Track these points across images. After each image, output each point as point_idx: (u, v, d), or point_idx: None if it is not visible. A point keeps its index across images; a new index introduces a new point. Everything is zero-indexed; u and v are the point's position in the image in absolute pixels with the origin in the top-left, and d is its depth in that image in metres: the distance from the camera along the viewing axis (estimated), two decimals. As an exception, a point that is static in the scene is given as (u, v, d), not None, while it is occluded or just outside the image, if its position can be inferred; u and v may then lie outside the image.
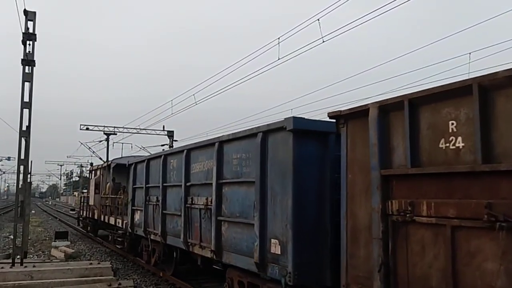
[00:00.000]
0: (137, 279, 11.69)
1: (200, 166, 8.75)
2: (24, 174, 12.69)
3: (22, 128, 12.38)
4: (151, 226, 11.28)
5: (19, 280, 9.77)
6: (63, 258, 14.42)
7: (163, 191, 10.47)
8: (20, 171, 12.69)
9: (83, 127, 37.16)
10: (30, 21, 12.52)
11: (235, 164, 7.46)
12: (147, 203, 11.54)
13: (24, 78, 12.50)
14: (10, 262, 11.78)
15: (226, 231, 7.62)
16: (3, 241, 19.70)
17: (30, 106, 12.47)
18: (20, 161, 12.57)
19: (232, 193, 7.50)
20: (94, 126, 38.40)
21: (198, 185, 8.78)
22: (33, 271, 10.19)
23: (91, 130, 38.38)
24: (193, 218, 8.87)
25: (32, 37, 12.50)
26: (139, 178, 12.59)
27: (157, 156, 11.26)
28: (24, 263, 11.67)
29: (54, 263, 12.25)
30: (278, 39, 14.27)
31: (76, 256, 14.99)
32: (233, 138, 7.56)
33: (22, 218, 12.20)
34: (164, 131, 37.85)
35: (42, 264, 11.71)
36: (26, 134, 12.41)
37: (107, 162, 18.29)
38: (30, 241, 17.86)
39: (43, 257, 15.29)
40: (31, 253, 15.54)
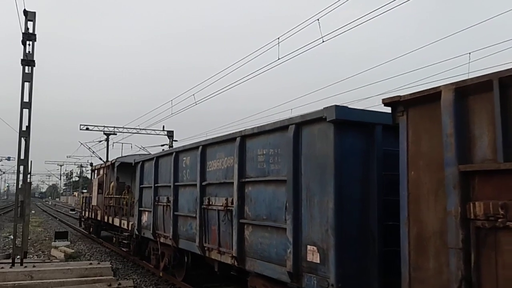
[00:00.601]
0: (137, 279, 11.52)
1: (218, 163, 7.91)
2: (24, 174, 12.54)
3: (22, 128, 12.24)
4: (161, 228, 10.43)
5: (19, 280, 9.66)
6: (63, 258, 14.30)
7: (175, 191, 9.63)
8: (20, 171, 12.52)
9: (83, 127, 36.99)
10: (30, 21, 12.39)
11: (260, 161, 6.62)
12: (157, 203, 10.69)
13: (24, 78, 12.36)
14: (10, 262, 11.65)
15: (250, 235, 6.78)
16: (3, 241, 19.53)
17: (30, 106, 12.33)
18: (20, 161, 12.40)
19: (257, 193, 6.67)
20: (94, 126, 38.13)
21: (215, 185, 7.95)
22: (33, 271, 10.08)
23: (91, 130, 38.18)
24: (210, 221, 8.03)
25: (32, 37, 12.39)
26: (147, 177, 11.75)
27: (167, 153, 10.41)
28: (24, 263, 11.54)
29: (54, 263, 12.13)
30: (277, 39, 14.19)
31: (76, 256, 14.87)
32: (258, 132, 6.72)
33: (22, 218, 12.03)
34: (164, 131, 37.49)
35: (42, 264, 11.57)
36: (26, 134, 12.24)
37: (111, 160, 17.43)
38: (30, 241, 17.70)
39: (43, 257, 15.13)
40: (31, 253, 15.42)
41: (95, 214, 19.02)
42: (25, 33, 12.37)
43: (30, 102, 12.39)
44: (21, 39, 12.39)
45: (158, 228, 10.67)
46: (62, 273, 10.25)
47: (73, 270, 10.49)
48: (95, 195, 18.07)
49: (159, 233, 10.59)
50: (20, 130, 12.27)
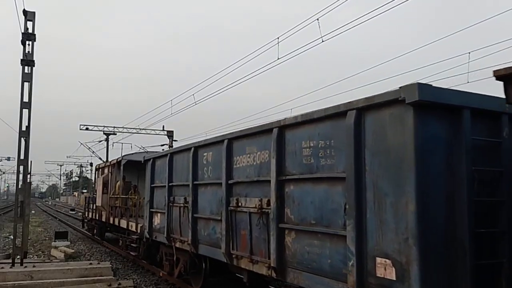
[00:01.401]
0: (136, 279, 11.32)
1: (248, 159, 6.81)
2: (24, 174, 12.36)
3: (21, 128, 12.04)
4: (177, 232, 9.31)
5: (19, 280, 9.54)
6: (63, 258, 14.13)
7: (194, 190, 8.52)
8: (20, 171, 12.32)
9: (82, 127, 36.56)
10: (30, 21, 12.21)
11: (306, 155, 5.52)
12: (171, 204, 9.58)
13: (23, 78, 12.18)
14: (10, 262, 11.52)
15: (293, 242, 5.68)
16: (3, 241, 19.25)
17: (29, 106, 12.14)
18: (20, 161, 12.19)
19: (302, 193, 5.57)
20: (94, 126, 37.69)
21: (245, 183, 6.85)
22: (33, 271, 9.96)
23: (91, 130, 37.77)
24: (239, 224, 6.93)
25: (32, 37, 12.21)
26: (159, 175, 10.63)
27: (184, 149, 9.29)
28: (24, 263, 11.41)
29: (54, 263, 11.99)
30: (277, 39, 13.90)
31: (76, 256, 14.71)
32: (302, 122, 5.61)
33: (22, 218, 11.87)
34: (163, 131, 36.95)
35: (42, 264, 11.43)
36: (26, 134, 12.02)
37: (117, 158, 16.30)
38: (30, 241, 17.52)
39: (43, 257, 14.95)
40: (31, 253, 15.26)
41: (99, 215, 17.88)
42: (25, 33, 12.13)
43: (29, 102, 12.14)
44: (20, 39, 12.18)
45: (173, 232, 9.55)
46: (62, 273, 10.07)
47: (73, 270, 10.30)
48: (100, 195, 16.92)
49: (174, 237, 9.48)
50: (20, 130, 12.01)
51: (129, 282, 10.45)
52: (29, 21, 12.27)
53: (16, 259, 11.59)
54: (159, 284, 10.81)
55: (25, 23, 12.28)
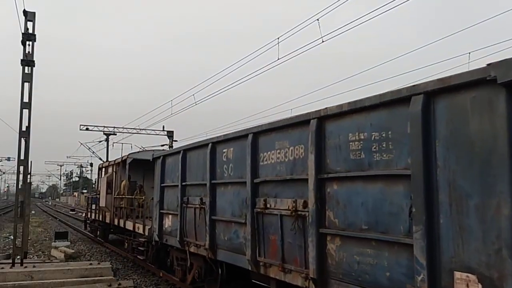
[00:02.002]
0: (137, 279, 11.20)
1: (278, 155, 5.99)
2: (24, 175, 12.21)
3: (21, 129, 11.92)
4: (191, 235, 8.49)
5: (19, 280, 9.45)
6: (63, 259, 13.97)
7: (212, 190, 7.70)
8: (20, 171, 12.19)
9: (83, 127, 36.24)
10: (30, 21, 12.09)
11: (354, 149, 4.71)
12: (185, 205, 8.76)
13: (23, 79, 12.06)
14: (10, 263, 11.40)
15: (337, 250, 4.87)
16: (3, 242, 19.00)
17: (29, 107, 12.02)
18: (20, 162, 12.07)
19: (350, 194, 4.75)
20: (94, 127, 37.37)
21: (275, 182, 6.03)
22: (33, 272, 9.86)
23: (91, 131, 37.43)
24: (268, 228, 6.11)
25: (32, 38, 12.09)
26: (171, 174, 9.81)
27: (200, 145, 8.46)
28: (24, 263, 11.29)
29: (54, 264, 11.85)
30: (277, 39, 13.75)
31: (76, 257, 14.55)
32: (349, 111, 4.80)
33: (22, 218, 11.77)
34: (164, 131, 36.66)
35: (42, 265, 11.30)
36: (26, 134, 11.91)
37: (122, 157, 15.44)
38: (30, 241, 17.33)
39: (43, 257, 14.76)
40: (31, 253, 15.13)
41: (103, 216, 17.02)
42: (25, 33, 11.99)
43: (30, 102, 12.01)
44: (20, 39, 12.02)
45: (187, 235, 8.72)
46: (62, 274, 9.97)
47: (73, 270, 10.21)
48: (104, 195, 16.06)
49: (188, 241, 8.65)
50: (20, 130, 11.87)
51: (129, 282, 10.30)
52: (29, 22, 12.12)
53: (16, 259, 11.47)
54: (159, 285, 10.63)
55: (25, 23, 12.12)
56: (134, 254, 12.87)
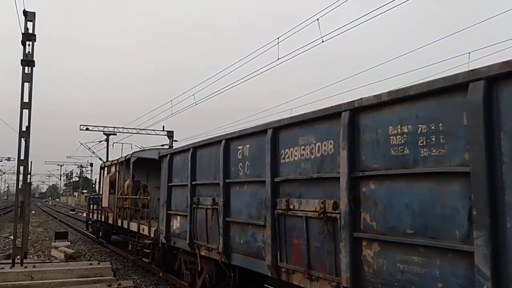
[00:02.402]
0: (137, 279, 11.09)
1: (303, 151, 5.45)
2: (24, 175, 12.12)
3: (21, 129, 11.81)
4: (202, 238, 7.95)
5: (19, 280, 9.39)
6: (63, 259, 13.86)
7: (226, 190, 7.16)
8: (20, 171, 12.13)
9: (83, 127, 36.01)
10: (30, 21, 11.97)
11: (396, 144, 4.17)
12: (196, 206, 8.21)
13: (23, 79, 11.93)
14: (10, 263, 11.34)
15: (376, 257, 4.33)
16: (3, 242, 18.85)
17: (29, 107, 11.90)
18: (20, 162, 11.97)
19: (391, 194, 4.21)
20: (94, 127, 37.16)
21: (299, 181, 5.49)
22: (33, 272, 9.78)
23: (91, 131, 37.24)
24: (291, 232, 5.57)
25: (32, 38, 11.97)
26: (179, 173, 9.27)
27: (211, 142, 7.92)
28: (24, 263, 11.22)
29: (54, 264, 11.78)
30: (277, 39, 13.64)
31: (76, 257, 14.41)
32: (389, 101, 4.26)
33: (22, 218, 11.71)
34: (164, 131, 36.41)
35: (42, 265, 11.20)
36: (26, 134, 11.80)
37: (125, 156, 14.88)
38: (30, 241, 17.23)
39: (43, 257, 14.66)
40: (31, 253, 15.03)
41: (106, 217, 16.45)
42: (25, 34, 11.88)
43: (30, 102, 11.89)
44: (20, 40, 11.89)
45: (197, 237, 8.18)
46: (62, 274, 9.87)
47: (73, 270, 10.12)
48: (106, 196, 15.50)
49: (199, 243, 8.11)
50: (20, 130, 11.76)
51: (129, 282, 10.17)
52: (29, 22, 11.95)
53: (16, 260, 11.38)
54: (159, 284, 10.51)
55: (25, 23, 11.94)
56: (139, 256, 12.31)
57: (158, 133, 36.55)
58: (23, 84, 11.96)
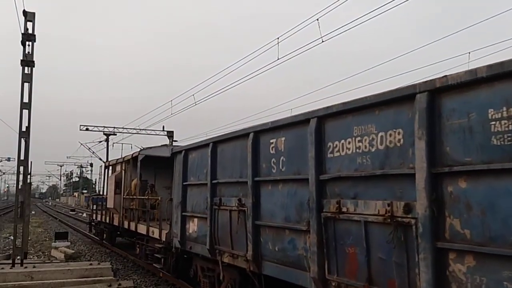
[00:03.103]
0: (137, 280, 10.92)
1: (359, 143, 4.52)
2: (24, 175, 11.96)
3: (21, 129, 11.65)
4: (225, 243, 7.01)
5: (19, 280, 9.31)
6: (63, 259, 13.70)
7: (255, 189, 6.22)
8: (20, 171, 11.96)
9: (82, 127, 35.51)
10: (30, 22, 11.81)
11: (500, 131, 3.25)
12: (217, 207, 7.27)
13: (23, 79, 11.76)
14: (10, 263, 11.23)
15: (470, 273, 3.39)
16: (3, 242, 18.62)
17: (29, 107, 11.72)
18: (20, 162, 11.81)
19: (489, 194, 3.29)
20: (94, 127, 36.68)
21: (353, 179, 4.56)
22: (33, 272, 9.68)
23: (91, 131, 36.72)
24: (343, 239, 4.64)
25: (32, 38, 11.81)
26: (196, 171, 8.33)
27: (236, 136, 6.97)
28: (24, 263, 11.12)
29: (54, 264, 11.65)
30: (277, 39, 13.52)
31: (76, 257, 14.25)
32: (485, 78, 3.33)
33: (22, 219, 11.57)
34: (164, 131, 35.93)
35: (42, 265, 11.07)
36: (26, 135, 11.64)
37: (132, 154, 13.91)
38: (30, 241, 17.04)
39: (43, 257, 14.47)
40: (31, 253, 14.83)
41: (110, 218, 15.46)
42: (25, 34, 11.74)
43: (29, 102, 11.71)
44: (20, 40, 11.74)
45: (219, 242, 7.24)
46: (62, 274, 9.73)
47: (73, 270, 9.99)
48: (111, 196, 14.51)
49: (221, 249, 7.17)
50: (20, 130, 11.60)
51: (129, 282, 10.00)
52: (29, 22, 11.77)
53: (16, 260, 11.29)
54: (159, 285, 10.36)
55: (25, 23, 11.78)
56: (148, 261, 11.35)
57: (158, 133, 36.01)
58: (23, 84, 11.74)
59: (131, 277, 11.13)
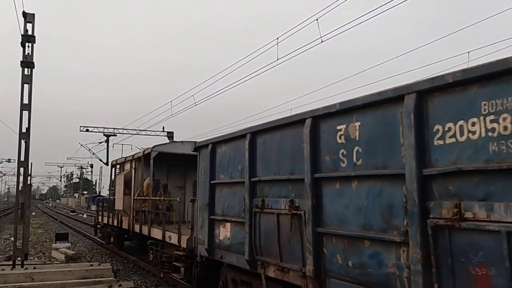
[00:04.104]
0: (137, 280, 10.69)
1: (490, 125, 3.21)
2: (24, 176, 11.79)
3: (21, 130, 11.50)
4: (271, 253, 5.68)
5: (20, 282, 9.19)
6: (63, 260, 13.48)
7: (315, 188, 4.90)
8: (20, 173, 11.87)
9: (82, 128, 35.00)
10: (29, 23, 11.65)
11: None
12: (258, 210, 5.95)
13: (23, 80, 11.60)
14: (11, 264, 11.14)
15: None
16: (4, 243, 18.32)
17: (29, 108, 11.55)
18: (20, 163, 11.69)
19: None
20: (94, 128, 36.06)
21: (482, 174, 3.26)
22: (33, 273, 9.52)
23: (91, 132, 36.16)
24: (463, 255, 3.32)
25: (31, 39, 11.65)
26: (226, 167, 7.01)
27: (285, 123, 5.63)
28: (25, 265, 11.02)
29: (55, 265, 11.55)
30: (276, 39, 13.39)
31: (76, 258, 14.02)
32: None
33: (22, 220, 11.45)
34: (164, 132, 35.33)
35: (42, 266, 10.94)
36: (26, 136, 11.50)
37: (144, 150, 12.52)
38: (31, 243, 16.45)
39: (43, 258, 14.24)
40: (31, 255, 14.52)
41: (118, 221, 14.06)
42: (24, 35, 11.57)
43: (29, 104, 11.53)
44: (20, 41, 11.59)
45: (262, 252, 5.91)
46: (62, 275, 9.55)
47: (73, 271, 9.79)
48: (120, 197, 13.13)
49: (265, 260, 5.84)
50: (20, 132, 11.46)
51: (129, 283, 9.83)
52: (28, 23, 11.61)
53: (16, 261, 11.18)
54: (160, 286, 10.17)
55: (25, 25, 11.59)
56: (165, 269, 9.99)
57: (158, 133, 35.27)
58: (22, 85, 11.51)
59: (131, 278, 10.85)
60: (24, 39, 11.57)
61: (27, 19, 11.65)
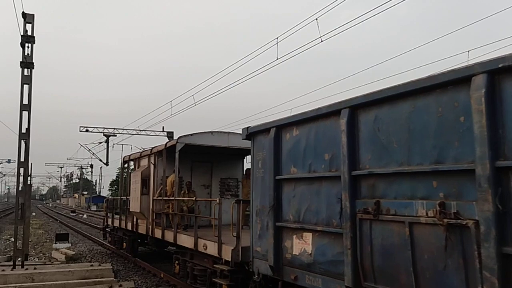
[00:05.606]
0: (137, 281, 10.17)
1: None
2: (24, 177, 11.54)
3: (21, 131, 11.23)
4: (400, 282, 3.74)
5: (20, 282, 8.87)
6: (64, 260, 13.14)
7: (496, 183, 2.97)
8: (20, 173, 11.60)
9: (82, 129, 33.99)
10: (29, 23, 11.45)
11: None
12: (370, 217, 4.00)
13: (23, 81, 11.35)
14: (11, 265, 10.85)
15: None
16: (4, 244, 17.81)
17: (29, 109, 11.29)
18: (20, 164, 11.45)
19: None
20: (94, 128, 35.06)
21: None
22: (34, 273, 9.18)
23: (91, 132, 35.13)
24: None
25: (31, 40, 11.43)
26: (302, 157, 5.07)
27: (418, 87, 3.68)
28: (25, 265, 10.70)
29: (55, 265, 11.31)
30: (276, 39, 13.08)
31: (77, 258, 13.62)
32: None
33: (22, 220, 11.22)
34: (163, 132, 34.51)
35: (43, 266, 10.62)
36: (26, 136, 11.24)
37: (166, 143, 10.47)
38: (31, 243, 16.03)
39: (44, 259, 13.84)
40: (32, 255, 14.17)
41: (133, 224, 12.01)
42: (24, 36, 11.38)
43: (29, 104, 11.29)
44: (20, 42, 11.39)
45: (376, 278, 3.97)
46: (63, 275, 9.25)
47: (74, 272, 9.50)
48: (137, 197, 11.10)
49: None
50: (20, 132, 11.21)
51: (130, 283, 9.48)
52: (28, 24, 11.37)
53: (17, 261, 10.97)
54: (160, 286, 9.72)
55: (24, 25, 11.38)
56: (196, 285, 7.99)
57: (158, 134, 34.24)
58: (22, 86, 11.22)
59: (132, 278, 10.42)
60: (24, 40, 11.33)
61: (27, 19, 11.40)
